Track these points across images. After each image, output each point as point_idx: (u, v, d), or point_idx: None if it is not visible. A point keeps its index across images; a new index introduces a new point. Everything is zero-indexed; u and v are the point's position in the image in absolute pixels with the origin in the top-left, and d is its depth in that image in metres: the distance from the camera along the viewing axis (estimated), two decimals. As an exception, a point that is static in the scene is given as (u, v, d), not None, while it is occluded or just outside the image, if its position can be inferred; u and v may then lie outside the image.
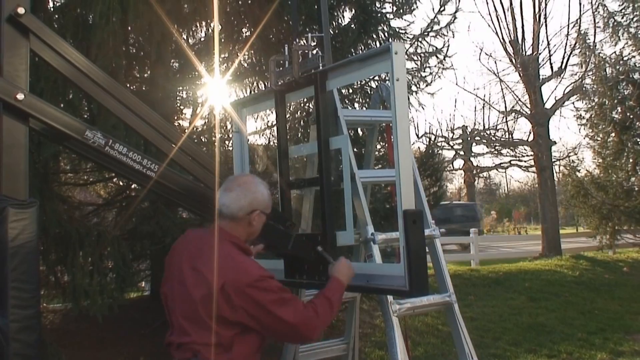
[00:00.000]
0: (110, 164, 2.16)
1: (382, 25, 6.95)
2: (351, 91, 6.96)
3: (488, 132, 18.80)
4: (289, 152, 3.10)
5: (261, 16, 5.61)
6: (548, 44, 16.93)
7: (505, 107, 18.04)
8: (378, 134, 4.36)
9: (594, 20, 16.23)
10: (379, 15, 6.95)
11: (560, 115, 20.86)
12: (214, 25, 6.38)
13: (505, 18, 17.02)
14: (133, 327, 6.05)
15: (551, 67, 17.09)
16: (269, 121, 7.36)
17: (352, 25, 6.76)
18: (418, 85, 7.85)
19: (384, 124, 4.27)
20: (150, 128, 2.24)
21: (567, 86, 17.05)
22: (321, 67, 2.69)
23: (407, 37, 7.38)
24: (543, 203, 16.57)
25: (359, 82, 6.75)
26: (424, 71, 7.90)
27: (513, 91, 17.85)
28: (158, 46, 5.09)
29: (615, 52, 16.00)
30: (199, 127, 6.53)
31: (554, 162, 18.12)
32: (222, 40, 6.37)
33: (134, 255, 5.74)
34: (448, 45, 8.18)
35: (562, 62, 16.73)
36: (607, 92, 15.41)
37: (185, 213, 5.91)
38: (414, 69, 7.77)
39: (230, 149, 4.50)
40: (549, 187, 16.41)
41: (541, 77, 17.15)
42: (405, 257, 2.17)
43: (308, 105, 6.41)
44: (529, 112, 17.06)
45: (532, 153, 17.78)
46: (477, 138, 19.29)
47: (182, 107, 6.85)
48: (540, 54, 16.91)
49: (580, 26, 16.56)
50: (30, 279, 1.86)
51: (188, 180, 2.32)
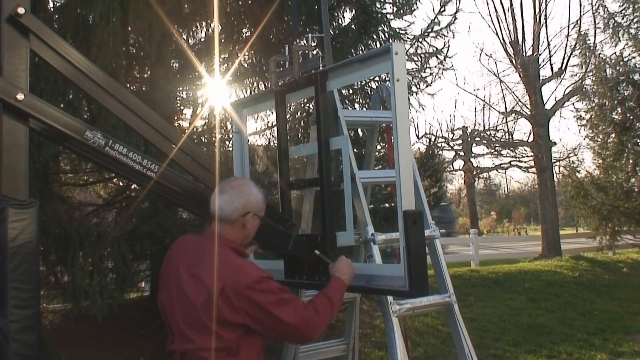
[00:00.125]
0: (110, 164, 2.16)
1: (382, 25, 6.96)
2: (351, 92, 6.96)
3: (488, 132, 18.79)
4: (289, 153, 3.09)
5: (261, 16, 5.62)
6: (548, 44, 16.96)
7: (506, 108, 18.04)
8: (378, 134, 4.35)
9: (594, 21, 16.25)
10: (379, 15, 6.96)
11: (560, 116, 20.96)
12: (214, 26, 6.39)
13: (505, 19, 17.05)
14: (133, 327, 6.04)
15: (551, 68, 17.11)
16: (269, 121, 7.37)
17: (353, 26, 6.77)
18: (418, 86, 7.86)
19: (384, 125, 4.27)
20: (150, 128, 2.24)
21: (567, 87, 17.06)
22: (321, 68, 2.69)
23: (408, 38, 7.39)
24: (543, 204, 16.57)
25: (359, 83, 6.75)
26: (424, 72, 7.91)
27: (513, 92, 17.87)
28: (158, 46, 5.09)
29: (615, 53, 16.03)
30: (199, 127, 6.53)
31: (554, 162, 18.14)
32: (222, 41, 6.37)
33: (133, 256, 5.74)
34: (448, 46, 8.21)
35: (562, 63, 16.75)
36: (607, 93, 15.41)
37: (185, 213, 5.91)
38: (414, 70, 7.77)
39: (231, 149, 4.49)
40: (549, 188, 16.41)
41: (541, 77, 17.15)
42: (405, 257, 2.17)
43: (308, 105, 6.41)
44: (529, 113, 17.06)
45: (532, 154, 17.77)
46: (477, 139, 19.29)
47: (182, 107, 6.85)
48: (540, 54, 16.92)
49: (580, 27, 16.58)
50: (30, 279, 1.86)
51: (188, 181, 2.31)
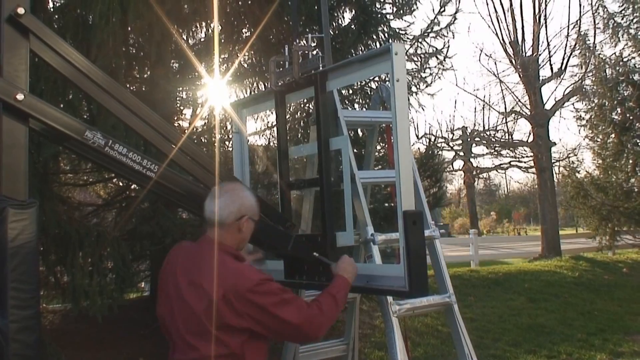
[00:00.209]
0: (110, 165, 2.15)
1: (382, 26, 6.97)
2: (351, 92, 6.97)
3: (488, 133, 18.80)
4: (289, 153, 3.10)
5: (261, 17, 5.62)
6: (548, 45, 17.00)
7: (505, 108, 18.06)
8: (378, 134, 4.36)
9: (594, 21, 16.27)
10: (379, 16, 6.96)
11: (560, 116, 20.96)
12: (214, 26, 6.39)
13: (505, 19, 17.08)
14: (132, 327, 6.04)
15: (551, 68, 17.14)
16: (269, 122, 7.37)
17: (352, 26, 6.77)
18: (418, 86, 7.87)
19: (384, 125, 4.27)
20: (150, 128, 2.24)
21: (567, 87, 17.10)
22: (321, 68, 2.69)
23: (407, 38, 7.40)
24: (543, 204, 16.58)
25: (359, 83, 6.75)
26: (424, 72, 7.92)
27: (513, 92, 17.90)
28: (158, 46, 5.09)
29: (615, 53, 16.04)
30: (198, 127, 6.53)
31: (554, 163, 18.15)
32: (222, 41, 6.37)
33: (133, 256, 5.74)
34: (448, 46, 8.22)
35: (562, 63, 16.78)
36: (607, 93, 15.41)
37: (185, 213, 5.91)
38: (414, 70, 7.78)
39: (230, 149, 4.50)
40: (548, 188, 16.42)
41: (541, 78, 17.17)
42: (405, 257, 2.17)
43: (308, 105, 6.41)
44: (529, 113, 17.07)
45: (531, 154, 17.79)
46: (477, 139, 19.30)
47: (182, 107, 6.85)
48: (540, 55, 16.94)
49: (580, 27, 16.61)
50: (30, 280, 1.86)
51: (188, 181, 2.31)
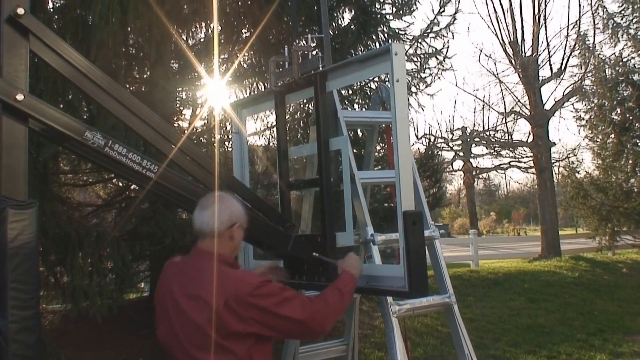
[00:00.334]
0: (110, 165, 2.15)
1: (381, 26, 6.97)
2: (351, 92, 6.97)
3: (487, 133, 18.80)
4: (289, 153, 3.10)
5: (261, 17, 5.62)
6: (547, 45, 17.00)
7: (505, 108, 18.06)
8: (378, 135, 4.36)
9: (594, 21, 16.28)
10: (378, 16, 6.97)
11: (559, 116, 20.96)
12: (213, 26, 6.39)
13: (504, 19, 17.09)
14: (132, 327, 6.04)
15: (551, 69, 17.14)
16: (268, 122, 7.38)
17: (352, 26, 6.78)
18: (418, 86, 7.88)
19: (384, 125, 4.27)
20: (149, 129, 2.24)
21: (567, 87, 17.10)
22: (321, 68, 2.69)
23: (407, 38, 7.41)
24: (542, 204, 16.58)
25: (359, 83, 6.76)
26: (424, 72, 7.93)
27: (512, 92, 17.90)
28: (158, 47, 5.10)
29: (614, 53, 16.06)
30: (198, 128, 6.54)
31: (554, 163, 18.16)
32: (221, 41, 6.38)
33: (133, 256, 5.74)
34: (448, 47, 8.24)
35: (561, 64, 16.78)
36: (606, 93, 15.42)
37: (185, 214, 5.91)
38: (414, 70, 7.79)
39: (230, 150, 4.50)
40: (548, 189, 16.42)
41: (541, 78, 17.17)
42: (405, 258, 2.17)
43: (308, 106, 6.41)
44: (529, 113, 17.07)
45: (531, 154, 17.79)
46: (477, 139, 19.29)
47: (181, 107, 6.86)
48: (539, 55, 16.95)
49: (579, 27, 16.61)
50: (30, 280, 1.85)
51: (187, 181, 2.31)
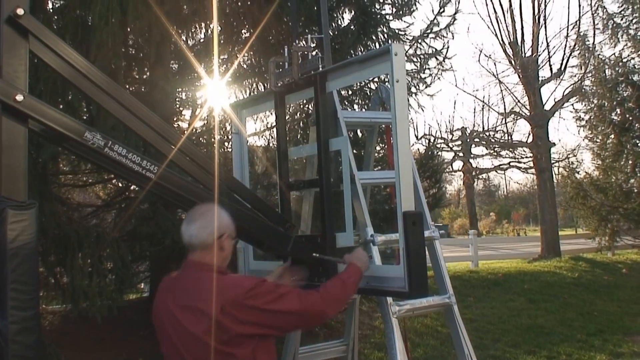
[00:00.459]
0: (110, 166, 2.15)
1: (381, 26, 6.97)
2: (351, 93, 6.97)
3: (487, 133, 18.82)
4: (289, 154, 3.10)
5: (260, 17, 5.62)
6: (547, 45, 17.00)
7: (505, 109, 18.07)
8: (378, 135, 4.36)
9: (594, 21, 16.28)
10: (378, 16, 6.97)
11: (559, 116, 20.95)
12: (213, 27, 6.39)
13: (504, 19, 17.09)
14: (132, 328, 6.04)
15: (550, 69, 17.14)
16: (268, 122, 7.37)
17: (352, 27, 6.78)
18: (417, 87, 7.87)
19: (384, 126, 4.27)
20: (149, 129, 2.24)
21: (567, 88, 17.11)
22: (321, 69, 2.69)
23: (407, 39, 7.41)
24: (542, 205, 16.57)
25: (359, 84, 6.75)
26: (424, 73, 7.92)
27: (512, 93, 17.91)
28: (157, 47, 5.10)
29: (614, 53, 16.06)
30: (198, 128, 6.53)
31: (553, 163, 18.16)
32: (221, 42, 6.38)
33: (133, 257, 5.74)
34: (447, 47, 8.21)
35: (561, 64, 16.78)
36: (606, 93, 15.42)
37: (185, 214, 5.90)
38: (414, 71, 7.78)
39: (230, 150, 4.50)
40: (548, 189, 16.42)
41: (540, 78, 17.17)
42: (405, 258, 2.17)
43: (308, 106, 6.41)
44: (528, 114, 17.07)
45: (531, 154, 17.79)
46: (477, 139, 19.31)
47: (181, 108, 6.85)
48: (539, 55, 16.94)
49: (579, 28, 16.61)
50: (30, 281, 1.85)
51: (187, 182, 2.31)
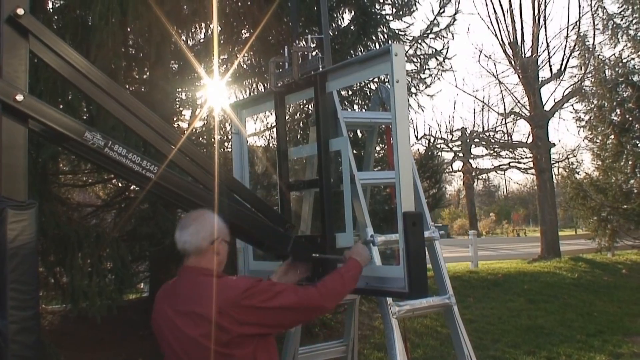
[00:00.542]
0: (110, 166, 2.15)
1: (381, 27, 6.98)
2: (351, 93, 6.97)
3: (487, 134, 18.81)
4: (289, 154, 3.09)
5: (260, 17, 5.62)
6: (547, 46, 16.99)
7: (505, 109, 18.06)
8: (377, 135, 4.36)
9: (594, 22, 16.28)
10: (378, 17, 6.97)
11: (559, 117, 20.97)
12: (213, 27, 6.39)
13: (504, 20, 17.09)
14: (131, 328, 6.04)
15: (550, 69, 17.13)
16: (268, 123, 7.37)
17: (352, 27, 6.78)
18: (417, 87, 7.88)
19: (384, 126, 4.27)
20: (149, 129, 2.24)
21: (567, 88, 17.09)
22: (321, 69, 2.68)
23: (407, 39, 7.41)
24: (542, 205, 16.57)
25: (359, 84, 6.75)
26: (424, 73, 7.92)
27: (512, 93, 17.90)
28: (157, 47, 5.09)
29: (614, 54, 16.07)
30: (198, 128, 6.53)
31: (553, 164, 18.16)
32: (221, 42, 6.37)
33: (133, 257, 5.74)
34: (447, 47, 8.21)
35: (561, 64, 16.77)
36: (606, 94, 15.42)
37: (184, 214, 5.90)
38: (414, 71, 7.78)
39: (230, 150, 4.49)
40: (548, 189, 16.41)
41: (540, 79, 17.17)
42: (405, 259, 2.17)
43: (308, 106, 6.41)
44: (528, 114, 17.07)
45: (531, 155, 17.79)
46: (476, 140, 19.30)
47: (181, 108, 6.85)
48: (539, 56, 16.94)
49: (579, 28, 16.61)
50: (29, 280, 1.85)
51: (187, 182, 2.31)
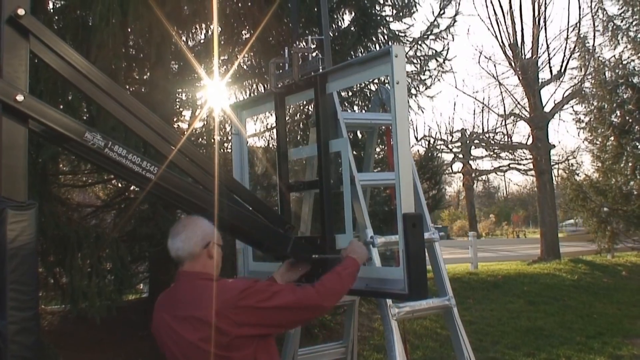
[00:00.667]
0: (110, 166, 2.14)
1: (381, 28, 6.98)
2: (351, 94, 6.97)
3: (487, 135, 18.82)
4: (289, 155, 3.09)
5: (261, 18, 5.62)
6: (547, 47, 17.00)
7: (505, 111, 18.07)
8: (378, 136, 4.36)
9: (594, 23, 16.30)
10: (378, 18, 6.98)
11: (559, 118, 20.98)
12: (213, 28, 6.39)
13: (504, 21, 17.11)
14: (131, 329, 6.03)
15: (550, 71, 17.15)
16: (268, 124, 7.37)
17: (352, 28, 6.78)
18: (417, 88, 7.88)
19: (384, 127, 4.27)
20: (149, 130, 2.23)
21: (567, 90, 17.11)
22: (321, 70, 2.68)
23: (407, 40, 7.41)
24: (542, 206, 16.58)
25: (359, 85, 6.76)
26: (424, 74, 7.93)
27: (512, 94, 17.91)
28: (158, 48, 5.09)
29: (614, 55, 16.09)
30: (198, 129, 6.53)
31: (553, 165, 18.17)
32: (221, 43, 6.38)
33: (132, 257, 5.74)
34: (447, 49, 8.24)
35: (561, 66, 16.79)
36: (606, 95, 15.44)
37: (184, 215, 5.90)
38: (414, 72, 7.79)
39: (230, 151, 4.49)
40: (547, 191, 16.42)
41: (540, 80, 17.18)
42: (405, 260, 2.17)
43: (308, 107, 6.41)
44: (528, 116, 17.08)
45: (531, 156, 17.79)
46: (476, 141, 19.31)
47: (181, 109, 6.85)
48: (539, 57, 16.95)
49: (579, 30, 16.63)
50: (29, 281, 1.85)
51: (187, 183, 2.31)
